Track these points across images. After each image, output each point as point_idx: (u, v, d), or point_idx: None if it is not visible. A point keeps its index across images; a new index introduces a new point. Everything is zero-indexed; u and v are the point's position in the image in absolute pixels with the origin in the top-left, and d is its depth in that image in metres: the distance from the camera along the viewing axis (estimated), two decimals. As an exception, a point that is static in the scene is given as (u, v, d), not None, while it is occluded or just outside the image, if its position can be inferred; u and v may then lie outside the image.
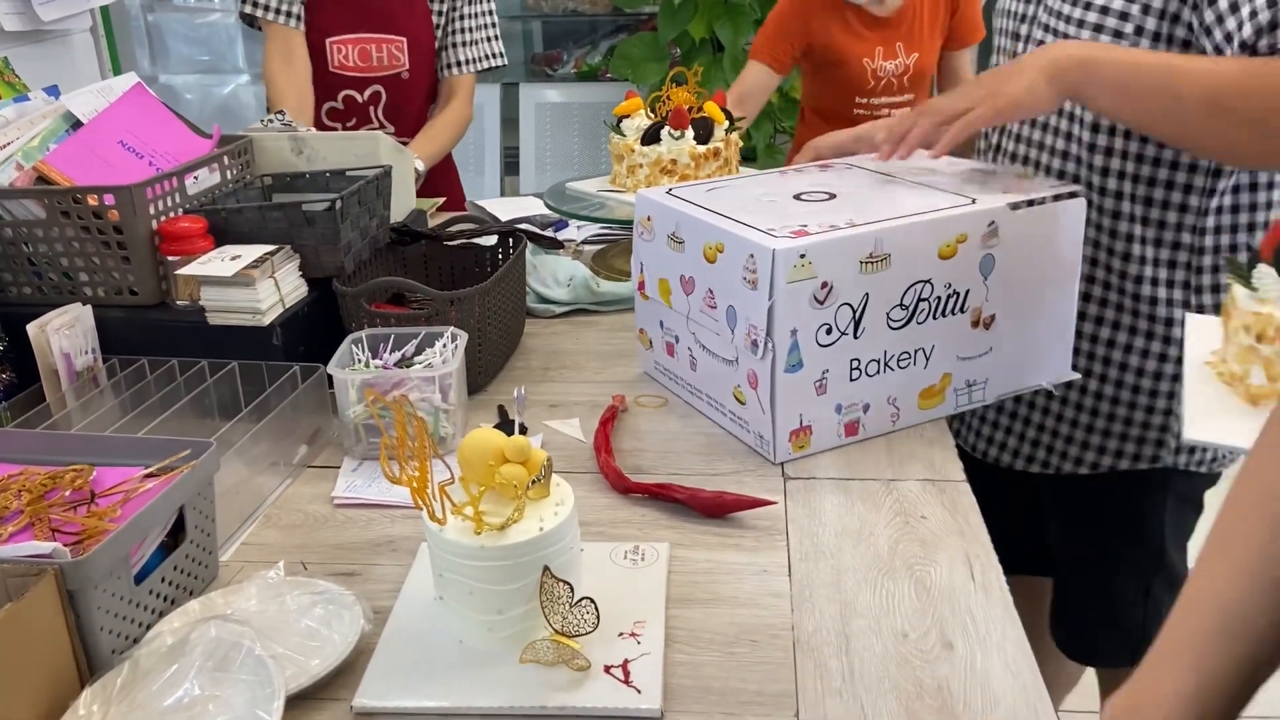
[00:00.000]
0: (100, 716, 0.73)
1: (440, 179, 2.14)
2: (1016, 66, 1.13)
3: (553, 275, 1.56)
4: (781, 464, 1.10)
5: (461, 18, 2.11)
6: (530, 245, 1.52)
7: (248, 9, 1.96)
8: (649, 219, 1.22)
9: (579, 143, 3.99)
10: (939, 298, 1.11)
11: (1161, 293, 1.21)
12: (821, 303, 1.05)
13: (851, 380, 1.11)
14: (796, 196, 1.19)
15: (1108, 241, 1.22)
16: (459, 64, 2.12)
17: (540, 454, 0.83)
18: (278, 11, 1.94)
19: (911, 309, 1.10)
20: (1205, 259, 1.20)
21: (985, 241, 1.12)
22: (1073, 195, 1.16)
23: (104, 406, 1.13)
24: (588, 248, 1.76)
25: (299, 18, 1.96)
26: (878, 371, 1.11)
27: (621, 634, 0.83)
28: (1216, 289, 1.21)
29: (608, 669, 0.80)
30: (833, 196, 1.18)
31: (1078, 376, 1.26)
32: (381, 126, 2.06)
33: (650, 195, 1.22)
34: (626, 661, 0.80)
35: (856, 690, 0.79)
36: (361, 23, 2.00)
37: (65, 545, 0.81)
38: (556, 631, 0.80)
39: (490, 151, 4.01)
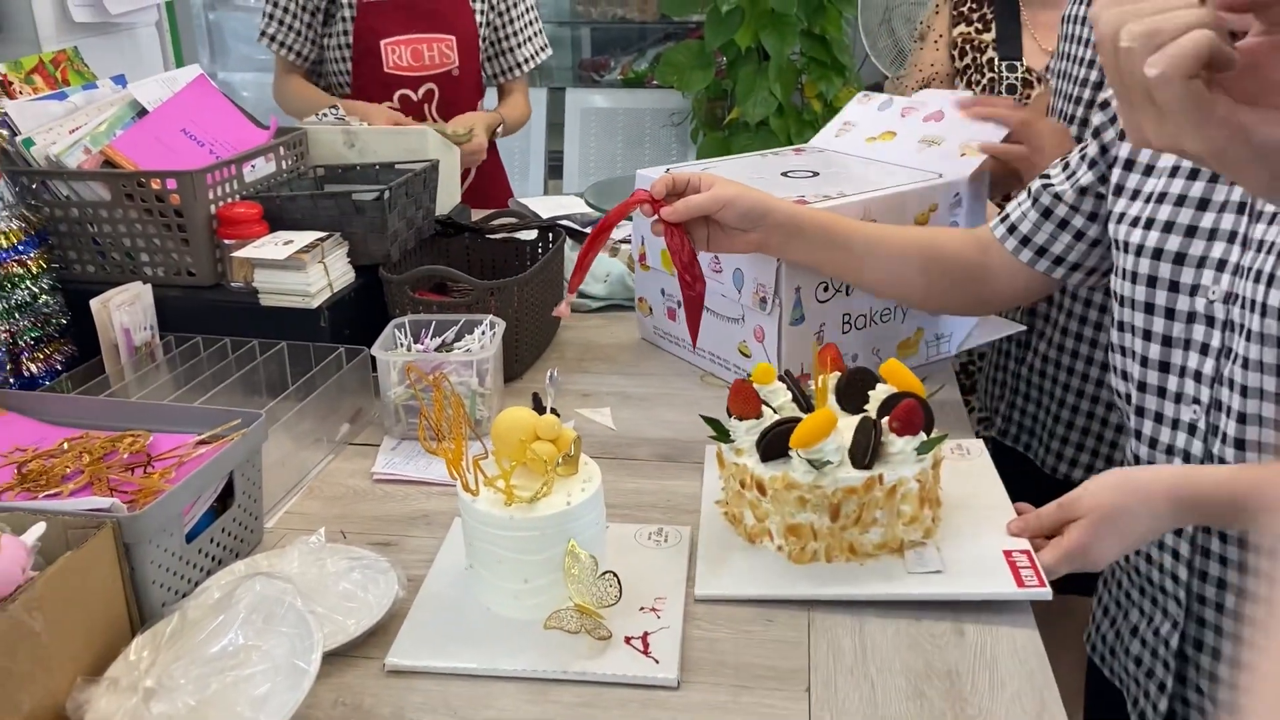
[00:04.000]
0: (150, 662, 0.77)
1: (488, 176, 2.20)
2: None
3: (590, 271, 1.60)
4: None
5: (509, 21, 2.18)
6: (569, 241, 1.56)
7: (264, 42, 2.11)
8: None
9: (622, 148, 4.04)
10: None
11: None
12: None
13: (843, 332, 1.25)
14: (784, 174, 1.31)
15: None
16: (516, 67, 2.22)
17: (570, 433, 0.87)
18: (289, 49, 2.11)
19: None
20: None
21: (952, 210, 1.29)
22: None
23: (159, 380, 1.18)
24: (625, 246, 1.80)
25: (308, 59, 2.13)
26: (865, 325, 1.27)
27: (642, 608, 0.87)
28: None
29: (628, 640, 0.83)
30: (816, 174, 1.31)
31: (1023, 328, 1.39)
32: (435, 123, 2.13)
33: (651, 175, 1.31)
34: (646, 634, 0.84)
35: (868, 669, 0.81)
36: (413, 24, 2.07)
37: (122, 503, 0.87)
38: (580, 602, 0.83)
39: (535, 155, 4.07)
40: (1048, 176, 1.09)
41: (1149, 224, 0.93)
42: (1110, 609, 1.08)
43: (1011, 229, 1.10)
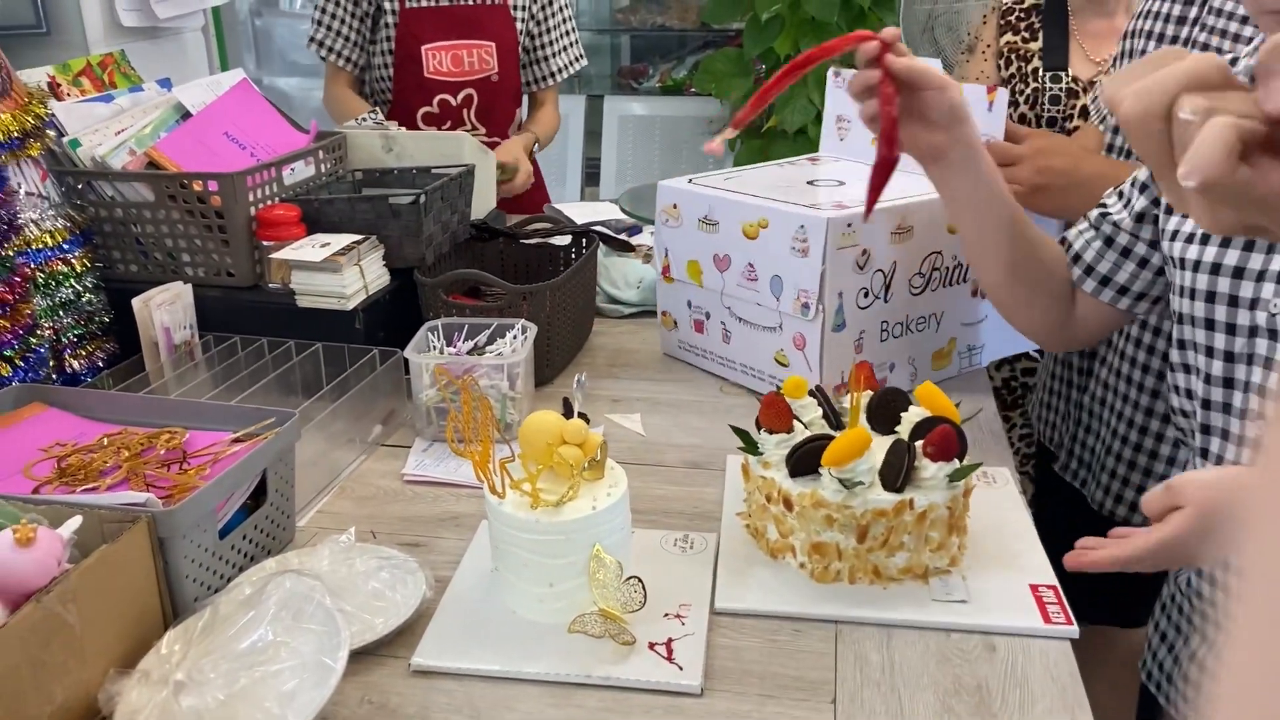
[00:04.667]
0: (181, 656, 0.78)
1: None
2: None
3: (623, 277, 1.60)
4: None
5: (546, 31, 2.20)
6: (602, 247, 1.57)
7: (314, 48, 2.15)
8: (675, 207, 1.31)
9: (659, 155, 4.04)
10: (947, 268, 1.26)
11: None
12: (861, 268, 1.18)
13: (881, 341, 1.24)
14: (810, 183, 1.30)
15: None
16: (550, 76, 2.24)
17: (596, 437, 0.87)
18: (339, 55, 2.13)
19: (927, 277, 1.25)
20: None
21: None
22: None
23: (198, 378, 1.20)
24: (660, 253, 1.80)
25: (357, 64, 2.15)
26: (901, 334, 1.26)
27: (667, 614, 0.87)
28: None
29: (651, 646, 0.83)
30: (842, 183, 1.30)
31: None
32: (474, 128, 2.15)
33: (674, 185, 1.33)
34: (670, 640, 0.84)
35: (895, 683, 0.80)
36: (454, 30, 2.09)
37: (158, 498, 0.88)
38: (604, 607, 0.83)
39: (572, 161, 4.09)
40: (1104, 205, 1.06)
41: (1205, 239, 0.91)
42: (1169, 635, 1.05)
43: (1075, 258, 1.07)
